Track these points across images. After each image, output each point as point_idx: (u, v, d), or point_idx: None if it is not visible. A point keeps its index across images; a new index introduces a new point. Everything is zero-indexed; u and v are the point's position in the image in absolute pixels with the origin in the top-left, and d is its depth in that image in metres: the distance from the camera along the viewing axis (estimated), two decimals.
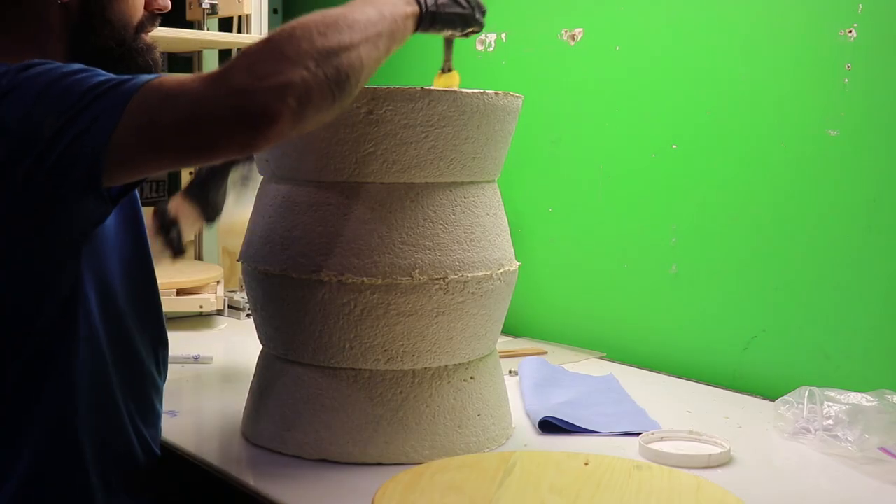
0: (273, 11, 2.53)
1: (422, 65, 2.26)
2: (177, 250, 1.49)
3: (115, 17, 1.16)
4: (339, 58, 0.99)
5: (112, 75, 0.99)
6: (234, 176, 1.58)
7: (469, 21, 1.25)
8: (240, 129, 0.94)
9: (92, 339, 1.11)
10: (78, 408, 1.10)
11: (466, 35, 1.28)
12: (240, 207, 1.60)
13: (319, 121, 1.00)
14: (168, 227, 1.48)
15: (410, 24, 1.13)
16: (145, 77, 0.98)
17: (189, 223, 1.52)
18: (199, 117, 0.94)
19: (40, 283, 1.05)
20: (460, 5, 1.22)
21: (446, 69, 1.38)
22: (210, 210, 1.54)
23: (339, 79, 0.99)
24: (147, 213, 1.32)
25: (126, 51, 1.17)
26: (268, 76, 0.93)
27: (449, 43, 1.37)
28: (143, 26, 1.19)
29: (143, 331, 1.21)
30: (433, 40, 2.25)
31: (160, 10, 1.21)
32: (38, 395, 1.08)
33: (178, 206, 1.52)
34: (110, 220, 1.12)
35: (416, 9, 1.13)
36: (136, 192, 1.21)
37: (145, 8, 1.20)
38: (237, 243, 1.59)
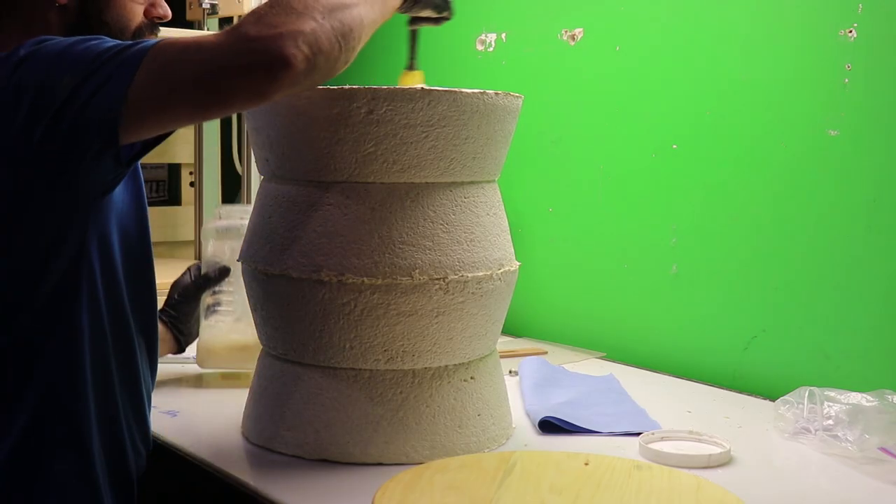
0: None
1: (421, 65, 2.26)
2: None
3: (112, 21, 1.18)
4: (343, 13, 1.03)
5: (121, 41, 1.03)
6: (205, 301, 1.61)
7: (444, 6, 1.30)
8: (256, 75, 0.98)
9: (94, 311, 1.12)
10: (77, 381, 1.10)
11: (438, 22, 1.33)
12: (212, 328, 1.63)
13: (328, 73, 1.04)
14: None
15: None
16: (153, 40, 1.02)
17: (161, 346, 1.54)
18: (217, 66, 0.98)
19: (47, 244, 1.06)
20: None
21: (412, 67, 1.41)
22: (183, 337, 1.58)
23: (344, 31, 1.03)
24: None
25: None
26: (279, 25, 0.98)
27: (414, 36, 1.40)
28: (142, 32, 1.21)
29: (136, 315, 1.20)
30: (431, 41, 2.26)
31: (160, 18, 1.23)
32: (39, 359, 1.08)
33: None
34: (118, 194, 1.13)
35: None
36: (141, 171, 1.21)
37: (145, 15, 1.21)
38: (217, 365, 1.62)
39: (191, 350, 1.71)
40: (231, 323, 1.63)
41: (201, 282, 1.58)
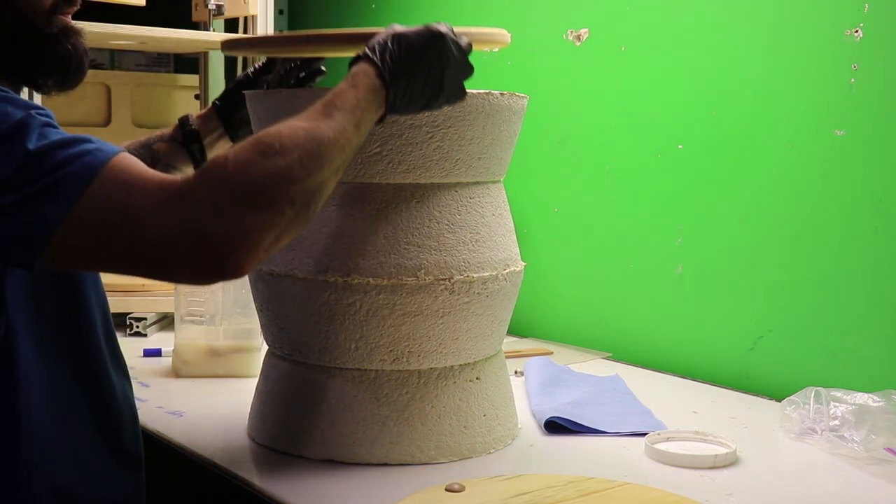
0: (279, 12, 2.54)
1: None
2: (199, 165, 1.44)
3: (22, 1, 1.05)
4: (317, 195, 0.97)
5: (62, 136, 0.93)
6: (179, 310, 1.62)
7: (456, 93, 1.15)
8: (195, 270, 0.92)
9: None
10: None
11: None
12: (183, 334, 1.66)
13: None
14: (189, 139, 1.44)
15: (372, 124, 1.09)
16: (101, 159, 0.92)
17: (214, 139, 1.48)
18: (156, 246, 0.90)
19: None
20: (427, 91, 1.11)
21: None
22: (236, 127, 1.48)
23: (310, 214, 0.97)
24: None
25: (37, 36, 1.06)
26: (242, 228, 0.90)
27: None
28: (57, 8, 1.07)
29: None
30: None
31: None
32: None
33: (203, 120, 1.48)
34: None
35: (383, 109, 1.08)
36: None
37: None
38: (191, 372, 1.66)
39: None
40: (203, 329, 1.65)
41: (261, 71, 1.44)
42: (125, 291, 1.95)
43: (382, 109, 1.08)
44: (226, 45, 1.30)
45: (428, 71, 1.10)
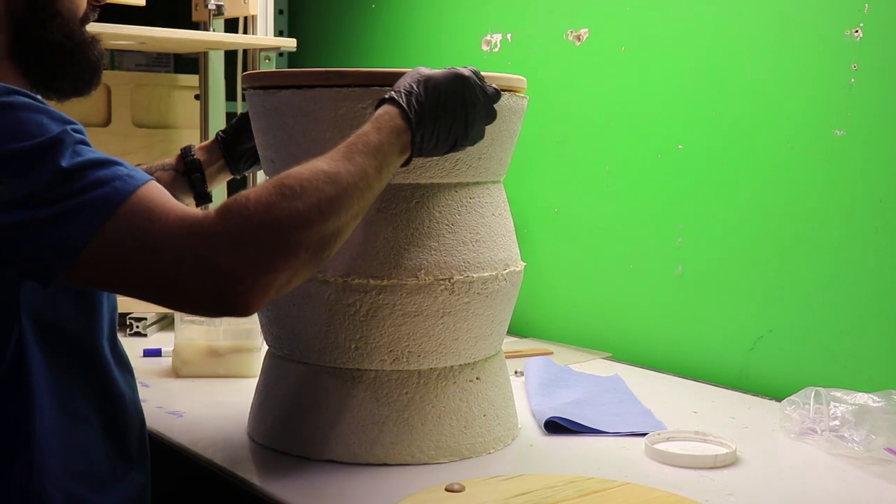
0: (279, 12, 2.54)
1: (426, 62, 2.25)
2: (199, 195, 1.46)
3: (65, 9, 1.09)
4: (333, 240, 0.99)
5: (96, 156, 0.94)
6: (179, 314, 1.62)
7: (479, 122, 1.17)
8: (205, 304, 0.93)
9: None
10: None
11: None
12: (183, 335, 1.67)
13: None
14: (190, 169, 1.45)
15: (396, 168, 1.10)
16: (131, 186, 0.93)
17: (214, 171, 1.49)
18: (169, 276, 0.92)
19: None
20: (451, 136, 1.13)
21: None
22: (237, 160, 1.49)
23: (323, 258, 0.99)
24: None
25: (76, 44, 1.11)
26: (256, 267, 0.92)
27: None
28: (87, 18, 1.13)
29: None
30: (436, 41, 2.25)
31: (98, 1, 1.15)
32: None
33: (205, 151, 1.49)
34: None
35: (408, 153, 1.10)
36: None
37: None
38: (191, 372, 1.67)
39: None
40: (202, 329, 1.66)
41: None
42: None
43: (408, 152, 1.09)
44: (246, 78, 1.31)
45: (454, 115, 1.12)
